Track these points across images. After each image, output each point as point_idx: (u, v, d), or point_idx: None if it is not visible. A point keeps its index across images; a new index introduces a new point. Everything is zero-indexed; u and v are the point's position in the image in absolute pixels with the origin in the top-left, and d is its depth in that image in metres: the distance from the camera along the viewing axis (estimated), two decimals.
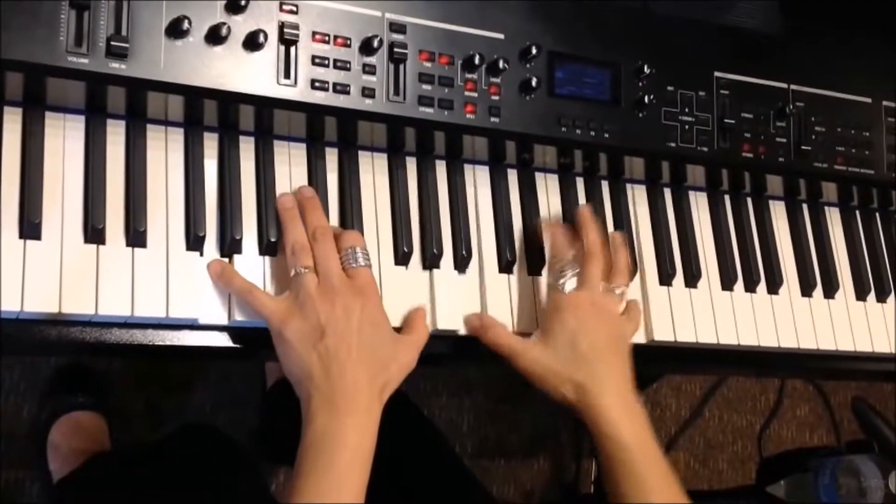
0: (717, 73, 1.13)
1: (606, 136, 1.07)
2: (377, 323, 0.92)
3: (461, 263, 1.04)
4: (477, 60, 1.00)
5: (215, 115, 0.95)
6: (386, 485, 0.92)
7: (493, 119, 1.01)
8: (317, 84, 0.94)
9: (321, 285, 0.91)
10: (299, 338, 0.88)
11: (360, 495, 0.86)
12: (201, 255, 0.92)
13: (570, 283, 1.03)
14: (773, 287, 1.19)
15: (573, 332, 0.99)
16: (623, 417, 0.97)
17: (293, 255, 0.93)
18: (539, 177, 1.12)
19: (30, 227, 0.86)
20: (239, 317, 0.92)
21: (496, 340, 1.01)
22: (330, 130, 1.00)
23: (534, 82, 1.02)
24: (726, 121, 1.12)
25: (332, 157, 1.02)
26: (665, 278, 1.14)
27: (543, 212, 1.10)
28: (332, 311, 0.89)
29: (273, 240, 0.95)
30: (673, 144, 1.10)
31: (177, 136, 0.95)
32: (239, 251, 0.94)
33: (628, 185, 1.16)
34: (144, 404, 1.77)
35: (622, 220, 1.14)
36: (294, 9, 0.94)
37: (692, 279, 1.14)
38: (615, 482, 0.96)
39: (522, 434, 2.10)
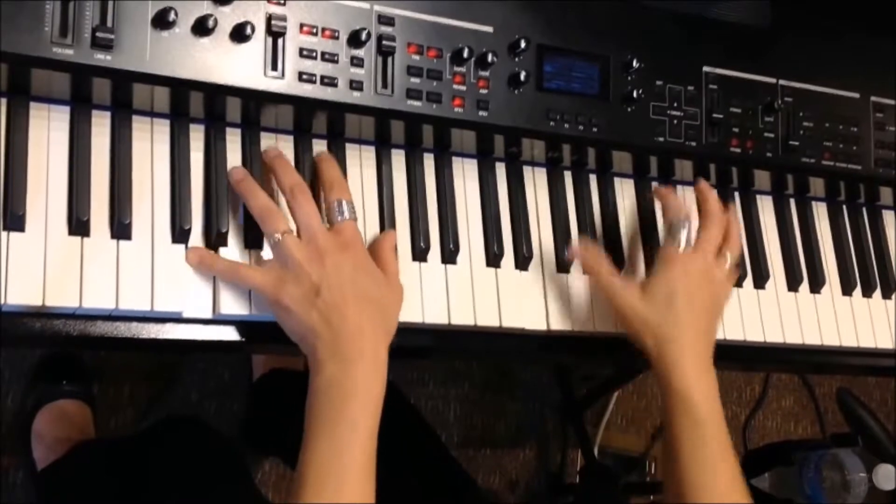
0: (705, 68, 1.12)
1: (595, 130, 1.06)
2: (368, 271, 0.92)
3: (449, 257, 1.03)
4: (465, 54, 0.99)
5: (202, 106, 0.94)
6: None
7: (481, 112, 1.01)
8: (304, 76, 0.93)
9: (307, 246, 0.90)
10: (297, 301, 0.88)
11: (373, 440, 0.86)
12: (187, 247, 0.91)
13: (683, 240, 1.04)
14: (760, 282, 1.19)
15: (675, 289, 1.01)
16: (697, 377, 0.98)
17: (265, 222, 0.91)
18: (527, 170, 1.11)
19: (13, 219, 0.85)
20: (224, 310, 0.91)
21: (599, 274, 1.04)
22: (318, 123, 1.00)
23: (522, 76, 1.02)
24: (715, 115, 1.12)
25: (319, 150, 1.01)
26: None
27: (531, 205, 1.10)
28: (323, 270, 0.89)
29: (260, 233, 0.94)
30: (661, 139, 1.10)
31: (163, 128, 0.94)
32: (224, 244, 0.93)
33: (616, 179, 1.16)
34: (130, 393, 1.76)
35: (609, 214, 1.14)
36: (282, 0, 0.93)
37: None
38: (676, 439, 0.98)
39: (508, 424, 2.10)
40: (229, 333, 0.93)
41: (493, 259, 1.06)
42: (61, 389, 1.66)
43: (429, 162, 1.06)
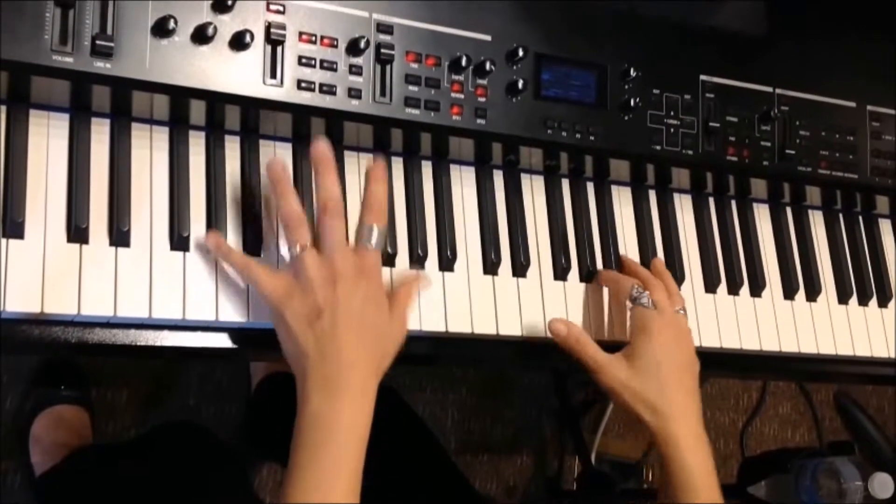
0: (702, 77, 1.13)
1: (592, 138, 1.07)
2: (378, 304, 0.90)
3: (446, 264, 1.04)
4: (464, 62, 1.00)
5: (201, 114, 0.95)
6: (372, 477, 0.93)
7: (479, 121, 1.01)
8: (303, 84, 0.94)
9: (323, 265, 0.88)
10: (297, 317, 0.87)
11: (357, 475, 0.86)
12: (185, 254, 0.92)
13: (648, 301, 1.05)
14: (756, 290, 1.20)
15: (659, 355, 1.02)
16: (691, 445, 1.00)
17: (289, 230, 0.89)
18: (525, 178, 1.12)
19: (13, 226, 0.85)
20: (223, 317, 0.91)
21: (582, 352, 1.03)
22: (316, 130, 1.00)
23: (520, 84, 1.02)
24: (711, 124, 1.12)
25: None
26: None
27: (529, 213, 1.10)
28: (333, 293, 0.87)
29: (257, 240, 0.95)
30: (658, 147, 1.10)
31: (162, 135, 0.94)
32: None
33: (613, 187, 1.16)
34: (127, 398, 1.76)
35: (607, 223, 1.14)
36: (281, 9, 0.93)
37: (676, 281, 1.15)
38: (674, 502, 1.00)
39: (506, 430, 2.10)
40: (228, 340, 0.94)
41: (491, 266, 1.06)
42: (59, 394, 1.66)
43: (427, 169, 1.06)
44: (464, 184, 1.08)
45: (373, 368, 0.89)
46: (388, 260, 1.01)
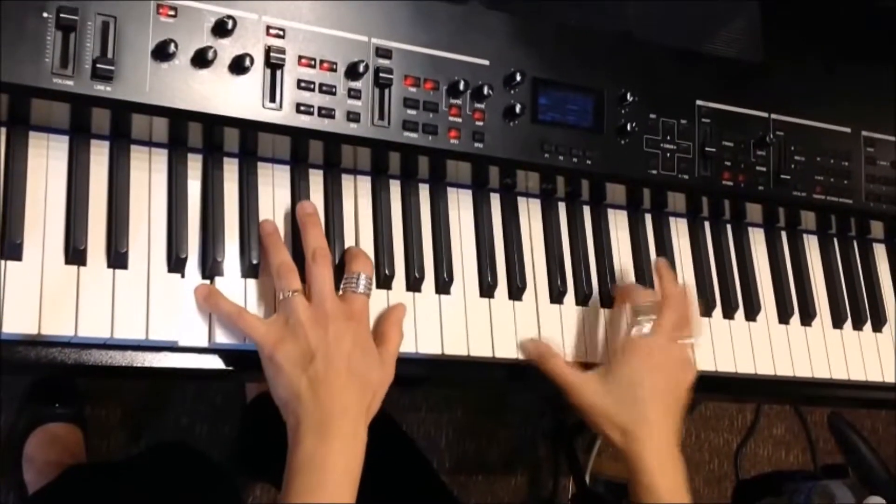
0: (698, 102, 1.14)
1: (589, 162, 1.07)
2: (366, 348, 0.92)
3: (442, 287, 1.04)
4: (462, 86, 1.00)
5: (200, 136, 0.95)
6: (363, 501, 0.93)
7: (476, 144, 1.02)
8: (302, 108, 0.94)
9: (313, 309, 0.90)
10: (290, 361, 0.88)
11: None
12: (183, 277, 0.92)
13: (645, 328, 1.04)
14: (751, 314, 1.20)
15: (637, 377, 1.00)
16: (661, 470, 0.98)
17: (280, 278, 0.92)
18: (521, 201, 1.12)
19: (11, 248, 0.85)
20: (219, 339, 0.92)
21: (553, 371, 1.02)
22: (314, 153, 1.00)
23: (518, 108, 1.03)
24: (707, 149, 1.13)
25: (316, 179, 1.02)
26: None
27: (525, 236, 1.11)
28: (324, 336, 0.89)
29: (255, 262, 0.95)
30: (654, 172, 1.11)
31: (160, 157, 0.95)
32: (220, 273, 0.94)
33: (610, 211, 1.17)
34: (122, 416, 1.76)
35: (603, 246, 1.14)
36: (281, 33, 0.94)
37: None
38: None
39: (500, 449, 2.10)
40: (224, 362, 0.94)
41: (487, 289, 1.06)
42: (53, 412, 1.65)
43: (424, 192, 1.07)
44: (461, 207, 1.09)
45: (364, 412, 0.90)
46: (385, 282, 1.01)
